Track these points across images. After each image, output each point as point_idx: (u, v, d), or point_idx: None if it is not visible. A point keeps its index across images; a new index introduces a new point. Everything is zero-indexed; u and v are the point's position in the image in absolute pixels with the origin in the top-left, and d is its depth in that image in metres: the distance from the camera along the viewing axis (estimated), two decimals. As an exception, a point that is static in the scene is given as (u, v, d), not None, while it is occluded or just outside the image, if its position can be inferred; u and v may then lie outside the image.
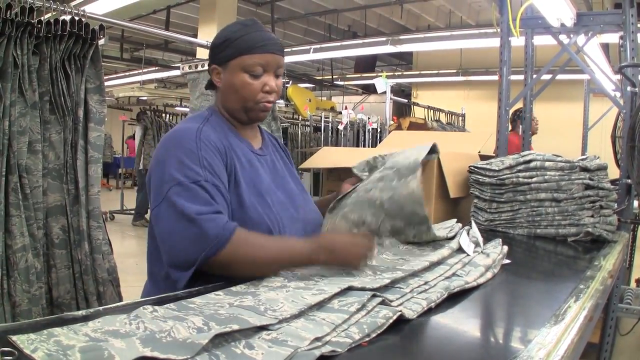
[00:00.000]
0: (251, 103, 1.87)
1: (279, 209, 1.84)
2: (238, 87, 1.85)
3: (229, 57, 1.84)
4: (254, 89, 1.85)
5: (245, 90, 1.85)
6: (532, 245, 2.69)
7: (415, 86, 15.76)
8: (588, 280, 1.86)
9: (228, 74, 1.86)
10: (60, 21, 2.87)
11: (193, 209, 1.59)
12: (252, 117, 1.92)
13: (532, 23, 4.30)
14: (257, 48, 1.84)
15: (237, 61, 1.83)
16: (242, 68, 1.83)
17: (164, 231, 1.64)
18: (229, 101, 1.90)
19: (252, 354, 1.03)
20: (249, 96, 1.86)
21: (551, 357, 1.16)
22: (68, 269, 2.94)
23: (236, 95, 1.86)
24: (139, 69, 12.89)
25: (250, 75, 1.84)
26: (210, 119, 1.89)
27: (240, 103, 1.88)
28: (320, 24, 13.09)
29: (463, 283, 1.61)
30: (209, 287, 1.51)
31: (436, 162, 2.96)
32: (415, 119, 10.10)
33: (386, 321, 1.23)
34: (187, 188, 1.63)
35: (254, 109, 1.89)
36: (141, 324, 1.12)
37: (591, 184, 2.68)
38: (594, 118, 8.29)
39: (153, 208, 1.69)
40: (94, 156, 3.00)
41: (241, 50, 1.82)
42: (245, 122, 1.95)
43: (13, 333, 1.03)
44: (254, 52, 1.83)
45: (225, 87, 1.89)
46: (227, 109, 1.92)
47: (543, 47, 5.17)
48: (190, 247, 1.57)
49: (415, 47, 11.57)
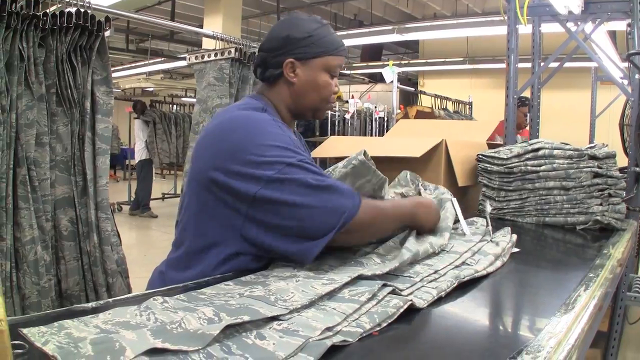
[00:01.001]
0: (324, 103, 1.89)
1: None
2: (320, 87, 1.85)
3: (314, 55, 1.82)
4: (332, 89, 1.87)
5: (326, 90, 1.86)
6: (541, 234, 2.68)
7: (422, 74, 15.71)
8: (597, 269, 1.85)
9: (309, 70, 1.83)
10: (66, 13, 2.86)
11: (323, 179, 1.56)
12: (317, 116, 1.96)
13: (540, 10, 4.27)
14: (341, 50, 1.86)
15: (323, 60, 1.83)
16: (326, 68, 1.84)
17: (291, 206, 1.53)
18: (303, 99, 1.87)
19: (263, 344, 1.02)
20: (326, 96, 1.88)
21: (562, 346, 1.15)
22: (77, 261, 2.95)
23: (315, 94, 1.86)
24: (144, 60, 12.89)
25: (330, 75, 1.85)
26: (268, 110, 1.81)
27: (316, 102, 1.88)
28: (326, 12, 13.05)
29: (473, 272, 1.60)
30: (217, 277, 1.51)
31: (444, 151, 2.96)
32: (422, 108, 10.08)
33: (397, 310, 1.23)
34: (300, 167, 1.57)
35: (323, 109, 1.92)
36: (152, 315, 1.12)
37: (600, 172, 2.67)
38: (601, 106, 8.27)
39: (256, 192, 1.55)
40: (101, 148, 3.01)
41: (329, 50, 1.83)
42: (305, 118, 1.97)
43: (23, 325, 1.03)
44: (339, 54, 1.85)
45: (303, 84, 1.85)
46: (297, 105, 1.89)
47: (549, 35, 5.15)
48: (331, 214, 1.52)
49: (422, 35, 11.51)
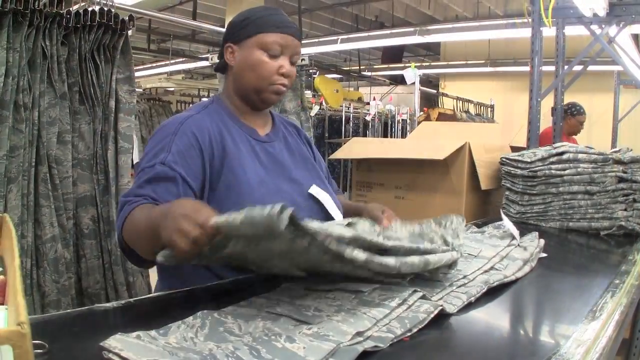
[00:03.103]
0: (265, 83, 1.80)
1: (269, 197, 1.70)
2: (254, 64, 1.78)
3: (247, 35, 1.79)
4: (270, 68, 1.79)
5: (260, 68, 1.78)
6: (565, 239, 2.66)
7: (443, 77, 15.64)
8: (623, 275, 1.84)
9: (244, 51, 1.80)
10: (90, 12, 2.87)
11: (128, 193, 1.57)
12: (263, 99, 1.85)
13: (564, 13, 4.24)
14: (278, 28, 1.79)
15: (256, 38, 1.78)
16: (259, 45, 1.78)
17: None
18: (241, 81, 1.83)
19: (293, 348, 1.01)
20: (264, 75, 1.79)
21: (590, 354, 1.14)
22: (98, 259, 2.94)
23: (251, 73, 1.80)
24: (166, 60, 12.93)
25: (267, 54, 1.78)
26: (209, 107, 1.85)
27: (253, 83, 1.81)
28: (347, 14, 13.03)
29: (502, 277, 1.59)
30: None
31: (467, 154, 2.94)
32: (444, 110, 10.04)
33: (427, 316, 1.22)
34: (144, 172, 1.59)
35: (266, 90, 1.82)
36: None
37: (625, 176, 2.64)
38: (624, 110, 8.20)
39: None
40: (123, 146, 3.01)
41: (261, 27, 1.78)
42: (255, 105, 1.88)
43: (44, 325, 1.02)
44: (274, 31, 1.78)
45: (239, 66, 1.82)
46: (239, 90, 1.86)
47: (571, 38, 5.11)
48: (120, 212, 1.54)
49: (443, 37, 11.45)
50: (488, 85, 13.88)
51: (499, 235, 2.07)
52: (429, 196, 3.12)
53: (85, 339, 1.08)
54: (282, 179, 1.83)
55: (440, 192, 3.08)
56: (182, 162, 1.61)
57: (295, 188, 1.84)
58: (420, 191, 3.16)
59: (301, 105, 4.72)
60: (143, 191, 1.51)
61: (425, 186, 3.14)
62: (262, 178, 1.75)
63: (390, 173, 3.29)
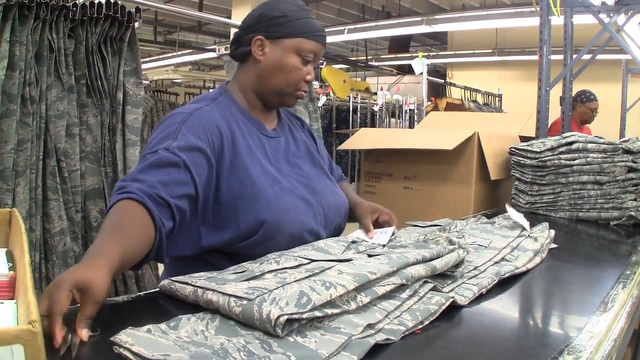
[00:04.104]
0: (291, 89, 1.80)
1: (283, 195, 1.70)
2: (286, 68, 1.76)
3: (285, 34, 1.75)
4: (301, 75, 1.78)
5: (292, 74, 1.77)
6: (574, 229, 2.65)
7: (450, 66, 15.59)
8: (634, 266, 1.83)
9: (278, 51, 1.76)
10: (96, 4, 2.86)
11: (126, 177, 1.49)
12: (284, 102, 1.85)
13: (572, 2, 4.22)
14: (316, 36, 1.78)
15: (295, 41, 1.75)
16: (297, 50, 1.76)
17: None
18: (266, 79, 1.79)
19: (304, 342, 1.01)
20: (293, 81, 1.78)
21: (602, 346, 1.13)
22: (106, 252, 2.94)
23: (280, 76, 1.77)
24: (172, 52, 12.93)
25: (302, 59, 1.77)
26: (218, 99, 1.80)
27: (281, 85, 1.78)
28: (354, 4, 12.99)
29: (513, 268, 1.58)
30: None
31: (476, 143, 2.93)
32: (452, 100, 10.00)
33: (439, 308, 1.21)
34: (145, 158, 1.52)
35: (290, 95, 1.82)
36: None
37: (634, 166, 2.63)
38: (632, 99, 8.16)
39: None
40: (131, 139, 3.00)
41: (302, 31, 1.76)
42: (272, 105, 1.87)
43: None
44: (313, 39, 1.77)
45: (269, 64, 1.77)
46: (260, 86, 1.82)
47: (579, 27, 5.08)
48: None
49: (451, 26, 11.41)
50: (496, 75, 13.83)
51: (509, 225, 2.05)
52: (438, 186, 3.11)
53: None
54: (292, 176, 1.81)
55: (449, 182, 3.07)
56: (188, 152, 1.55)
57: (305, 184, 1.82)
58: (429, 181, 3.16)
59: (309, 96, 4.71)
60: (142, 176, 1.44)
61: (434, 176, 3.13)
62: (274, 176, 1.73)
63: (399, 163, 3.29)
